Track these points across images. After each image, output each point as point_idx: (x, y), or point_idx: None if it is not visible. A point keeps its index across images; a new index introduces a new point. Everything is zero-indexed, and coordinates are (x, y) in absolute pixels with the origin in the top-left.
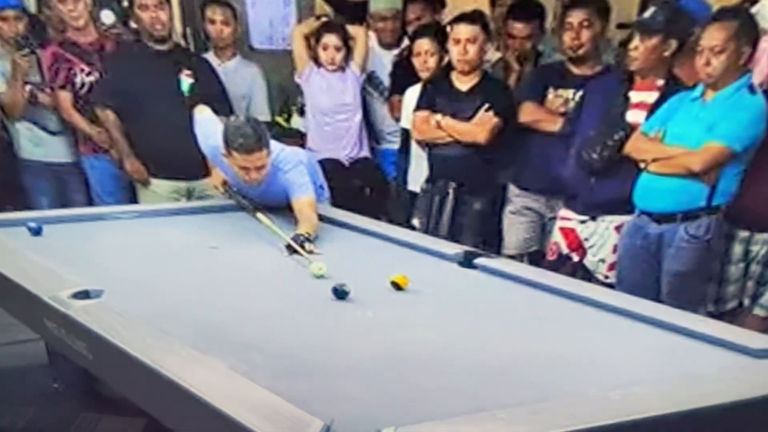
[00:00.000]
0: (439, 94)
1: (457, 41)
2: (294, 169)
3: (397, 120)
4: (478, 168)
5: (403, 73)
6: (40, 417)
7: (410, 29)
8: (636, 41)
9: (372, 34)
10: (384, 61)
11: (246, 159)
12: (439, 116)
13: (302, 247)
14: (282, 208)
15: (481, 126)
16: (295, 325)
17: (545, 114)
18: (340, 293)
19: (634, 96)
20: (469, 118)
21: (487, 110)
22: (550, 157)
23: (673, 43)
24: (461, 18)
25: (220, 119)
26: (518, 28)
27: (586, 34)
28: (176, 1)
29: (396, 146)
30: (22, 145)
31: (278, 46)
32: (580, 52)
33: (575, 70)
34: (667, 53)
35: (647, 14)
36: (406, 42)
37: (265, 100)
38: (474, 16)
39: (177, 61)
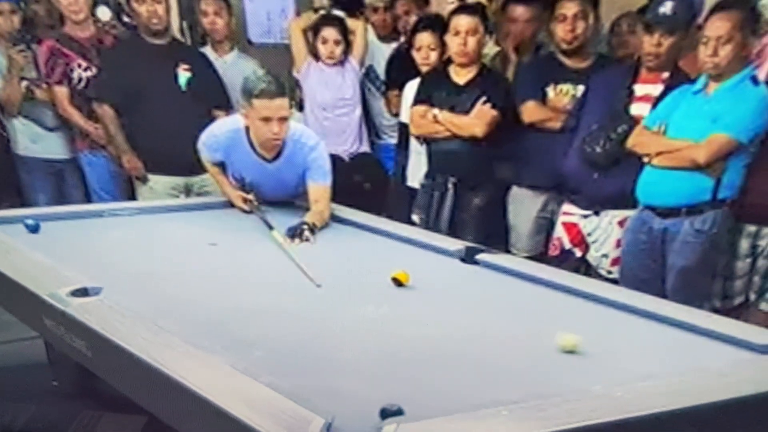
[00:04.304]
0: (436, 88)
1: (457, 33)
2: (317, 148)
3: (395, 115)
4: (478, 162)
5: (400, 68)
6: (41, 414)
7: (400, 24)
8: (657, 38)
9: (370, 27)
10: (382, 55)
11: (268, 106)
12: (436, 110)
13: (301, 233)
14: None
15: (479, 119)
16: (295, 321)
17: (550, 113)
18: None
19: (639, 89)
20: (467, 112)
21: (484, 103)
22: (555, 154)
23: (691, 38)
24: (462, 10)
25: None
26: (519, 11)
27: (581, 26)
28: None
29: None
30: (19, 141)
31: (276, 40)
32: (575, 44)
33: (570, 63)
34: (683, 45)
35: (666, 9)
36: (402, 37)
37: None
38: (474, 8)
39: (174, 56)
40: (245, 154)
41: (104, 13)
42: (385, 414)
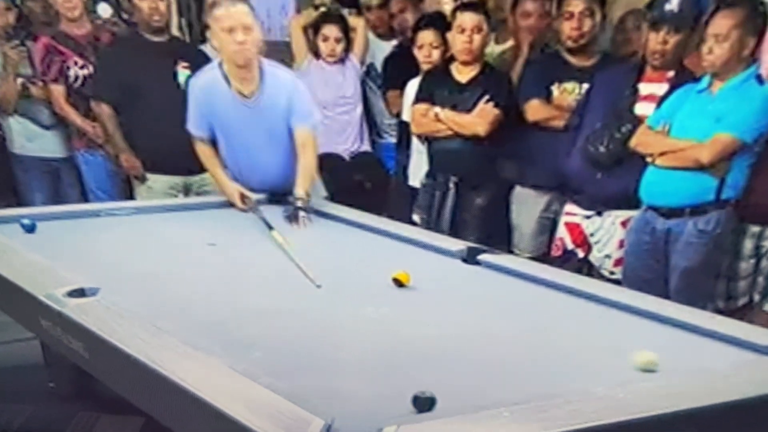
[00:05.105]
0: (438, 86)
1: (462, 30)
2: (296, 87)
3: (397, 115)
4: (479, 161)
5: (398, 66)
6: (38, 416)
7: (396, 22)
8: (662, 35)
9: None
10: (382, 53)
11: (229, 15)
12: (437, 108)
13: (297, 218)
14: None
15: (480, 118)
16: (295, 322)
17: (554, 111)
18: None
19: (644, 88)
20: (469, 110)
21: (487, 102)
22: (558, 153)
23: (695, 37)
24: (467, 7)
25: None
26: (531, 6)
27: (587, 24)
28: None
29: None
30: (15, 139)
31: (276, 38)
32: (582, 42)
33: (575, 61)
34: (691, 45)
35: (673, 6)
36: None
37: None
38: (479, 5)
39: (174, 53)
40: (225, 95)
41: (105, 10)
42: (419, 403)
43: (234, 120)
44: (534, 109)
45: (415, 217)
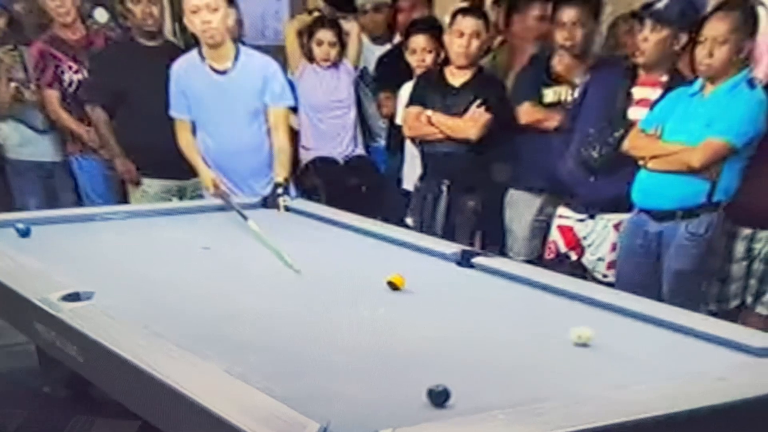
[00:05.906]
0: (431, 90)
1: (461, 34)
2: (271, 65)
3: (390, 118)
4: (472, 165)
5: (390, 67)
6: (33, 420)
7: (401, 18)
8: (646, 32)
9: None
10: (375, 57)
11: None
12: (429, 112)
13: (277, 205)
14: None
15: (472, 122)
16: (291, 325)
17: (546, 113)
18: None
19: (638, 92)
20: (461, 114)
21: (479, 106)
22: (550, 155)
23: (684, 37)
24: (466, 11)
25: None
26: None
27: (579, 33)
28: None
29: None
30: (9, 144)
31: (270, 42)
32: (574, 51)
33: (569, 65)
34: (676, 47)
35: (660, 4)
36: (398, 37)
37: None
38: (480, 10)
39: (167, 58)
40: (200, 71)
41: (102, 15)
42: (434, 396)
43: (207, 95)
44: (527, 112)
45: (409, 221)
